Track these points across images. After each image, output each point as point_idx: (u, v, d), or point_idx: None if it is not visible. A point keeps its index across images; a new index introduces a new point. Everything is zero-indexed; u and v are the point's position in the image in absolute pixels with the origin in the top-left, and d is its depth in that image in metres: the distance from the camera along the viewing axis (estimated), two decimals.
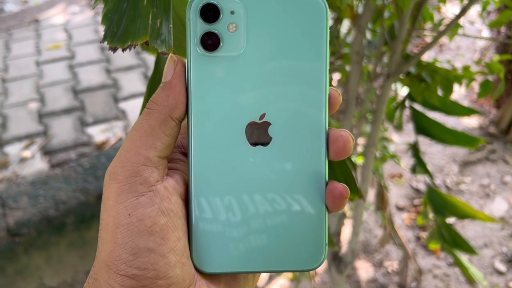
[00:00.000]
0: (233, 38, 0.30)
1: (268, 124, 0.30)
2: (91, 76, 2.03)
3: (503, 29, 1.67)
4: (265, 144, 0.31)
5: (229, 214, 0.31)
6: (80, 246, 1.36)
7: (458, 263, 1.08)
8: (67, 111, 1.82)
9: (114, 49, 0.30)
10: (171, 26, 0.30)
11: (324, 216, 0.31)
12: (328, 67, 0.31)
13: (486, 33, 2.13)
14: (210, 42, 0.30)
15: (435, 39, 0.80)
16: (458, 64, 2.05)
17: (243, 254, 0.31)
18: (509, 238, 1.46)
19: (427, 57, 2.18)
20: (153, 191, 0.28)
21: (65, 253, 1.35)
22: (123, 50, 0.30)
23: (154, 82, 0.40)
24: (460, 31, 2.09)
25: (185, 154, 0.33)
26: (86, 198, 1.33)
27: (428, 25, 1.08)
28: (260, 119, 0.30)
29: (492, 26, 0.94)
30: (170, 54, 0.30)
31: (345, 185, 0.31)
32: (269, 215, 0.31)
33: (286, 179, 0.31)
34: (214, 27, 0.30)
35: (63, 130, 1.71)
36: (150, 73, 2.04)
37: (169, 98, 0.29)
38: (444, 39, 2.35)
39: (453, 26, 0.84)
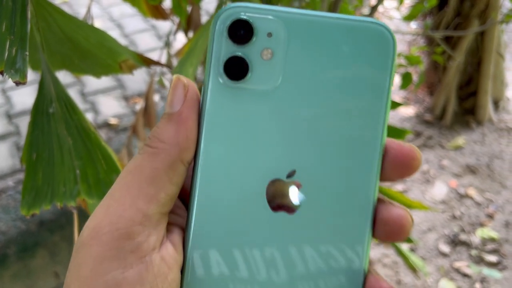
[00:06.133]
0: (267, 67, 0.23)
1: (297, 185, 0.24)
2: (25, 99, 1.97)
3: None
4: (290, 211, 0.24)
5: None
6: (25, 276, 1.31)
7: (399, 253, 1.12)
8: (1, 137, 1.76)
9: None
10: (27, 53, 0.29)
11: None
12: (387, 119, 0.23)
13: (414, 26, 2.21)
14: (237, 69, 0.23)
15: None
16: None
17: None
18: (451, 220, 1.51)
19: None
20: (146, 264, 0.22)
21: (10, 286, 1.29)
22: None
23: (37, 106, 0.39)
24: None
25: (186, 201, 0.25)
26: (27, 226, 1.29)
27: None
28: (288, 177, 0.24)
29: (406, 19, 0.97)
30: (177, 75, 0.23)
31: (389, 282, 0.25)
32: None
33: (311, 264, 0.24)
34: (244, 51, 0.23)
35: None
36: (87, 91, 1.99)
37: (179, 135, 0.23)
38: None
39: None
